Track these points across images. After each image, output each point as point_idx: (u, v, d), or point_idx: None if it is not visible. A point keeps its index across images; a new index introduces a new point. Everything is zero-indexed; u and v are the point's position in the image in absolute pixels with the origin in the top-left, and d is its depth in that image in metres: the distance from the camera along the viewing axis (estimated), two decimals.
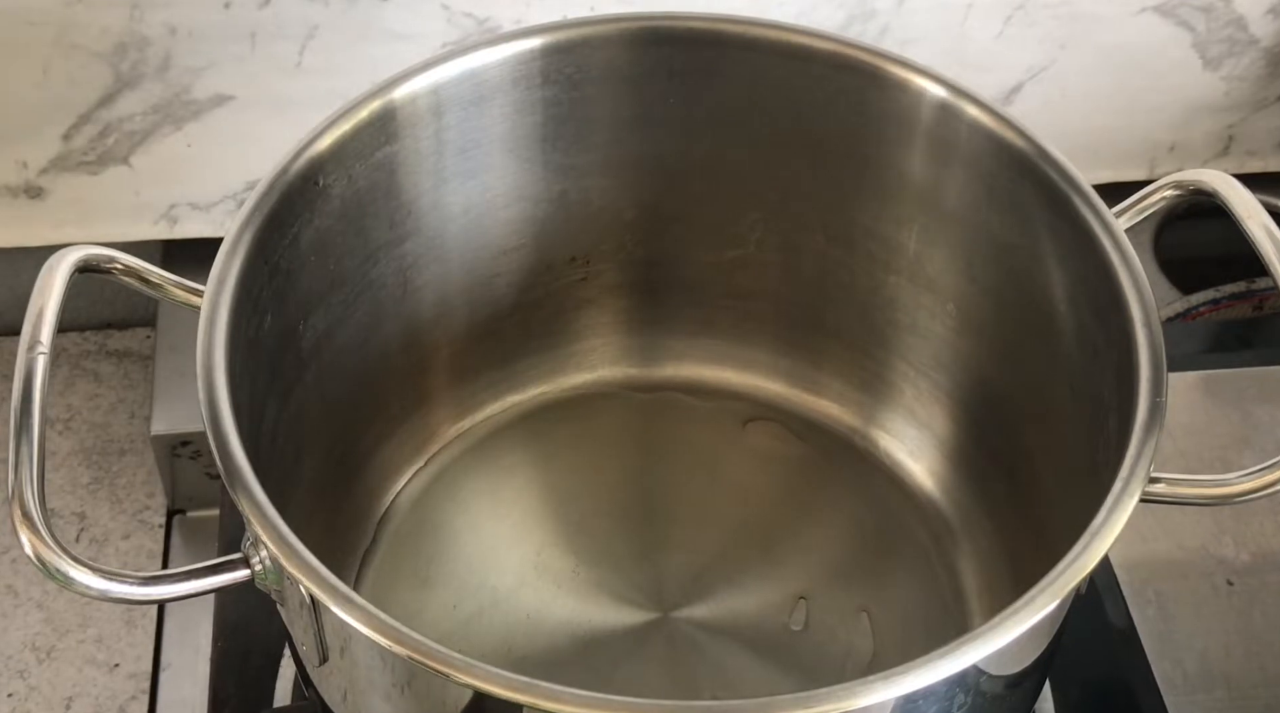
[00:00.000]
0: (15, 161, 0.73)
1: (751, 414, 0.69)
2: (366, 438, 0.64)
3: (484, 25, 0.72)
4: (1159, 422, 0.49)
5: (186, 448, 0.72)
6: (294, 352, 0.57)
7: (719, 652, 0.61)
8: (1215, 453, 0.69)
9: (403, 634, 0.43)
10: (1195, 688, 0.61)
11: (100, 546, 0.72)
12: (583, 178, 0.64)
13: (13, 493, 0.45)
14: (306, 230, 0.56)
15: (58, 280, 0.50)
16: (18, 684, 0.67)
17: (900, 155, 0.61)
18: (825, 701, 0.42)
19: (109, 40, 0.70)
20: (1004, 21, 0.76)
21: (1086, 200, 0.55)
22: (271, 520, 0.46)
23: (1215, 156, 0.84)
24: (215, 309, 0.51)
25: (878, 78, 0.60)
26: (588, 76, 0.61)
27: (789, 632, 0.62)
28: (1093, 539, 0.46)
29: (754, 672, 0.60)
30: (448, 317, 0.65)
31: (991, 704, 0.48)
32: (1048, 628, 0.49)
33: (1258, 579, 0.65)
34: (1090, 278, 0.54)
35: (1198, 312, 0.80)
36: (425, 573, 0.63)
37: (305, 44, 0.72)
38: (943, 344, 0.65)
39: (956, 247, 0.62)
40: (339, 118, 0.57)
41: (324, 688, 0.52)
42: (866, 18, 0.75)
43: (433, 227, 0.62)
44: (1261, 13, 0.78)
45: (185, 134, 0.74)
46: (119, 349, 0.81)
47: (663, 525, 0.65)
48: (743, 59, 0.61)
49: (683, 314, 0.69)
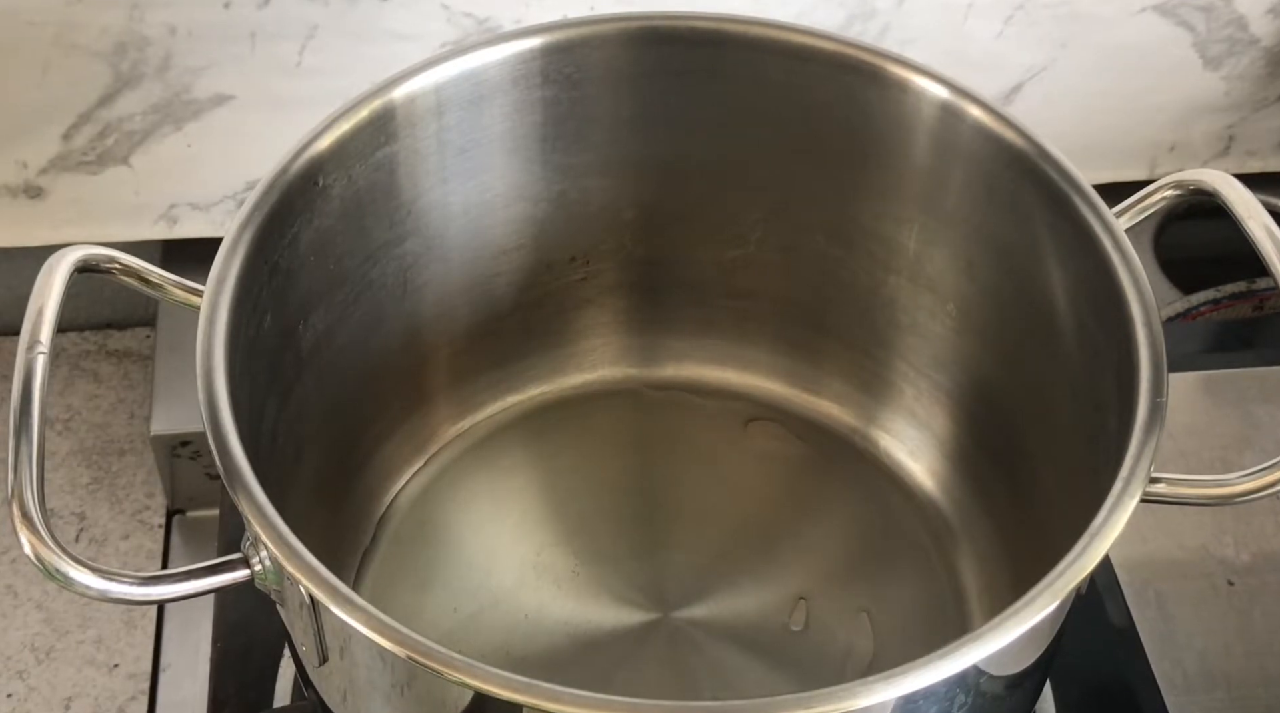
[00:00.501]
0: (15, 161, 0.73)
1: (752, 414, 0.69)
2: (366, 438, 0.64)
3: (484, 25, 0.72)
4: (1159, 422, 0.49)
5: (186, 448, 0.72)
6: (294, 351, 0.57)
7: (719, 652, 0.61)
8: (1216, 453, 0.69)
9: (403, 635, 0.43)
10: (1195, 688, 0.61)
11: (100, 546, 0.72)
12: (582, 178, 0.64)
13: (12, 493, 0.45)
14: (306, 230, 0.56)
15: (57, 280, 0.50)
16: (17, 685, 0.67)
17: (900, 155, 0.61)
18: (825, 701, 0.42)
19: (109, 40, 0.70)
20: (1004, 21, 0.76)
21: (1087, 200, 0.55)
22: (271, 521, 0.46)
23: (1215, 156, 0.84)
24: (215, 309, 0.51)
25: (878, 78, 0.60)
26: (588, 76, 0.61)
27: (789, 632, 0.62)
28: (1093, 539, 0.46)
29: (754, 672, 0.60)
30: (448, 316, 0.65)
31: (992, 704, 0.48)
32: (1048, 628, 0.49)
33: (1258, 579, 0.65)
34: (1090, 278, 0.54)
35: (1198, 312, 0.80)
36: (425, 573, 0.63)
37: (305, 44, 0.72)
38: (943, 344, 0.65)
39: (956, 247, 0.62)
40: (339, 118, 0.57)
41: (324, 688, 0.52)
42: (867, 17, 0.75)
43: (433, 227, 0.62)
44: (1262, 12, 0.78)
45: (185, 134, 0.74)
46: (119, 349, 0.81)
47: (663, 525, 0.65)
48: (743, 59, 0.61)
49: (683, 314, 0.69)
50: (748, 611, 0.62)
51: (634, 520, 0.65)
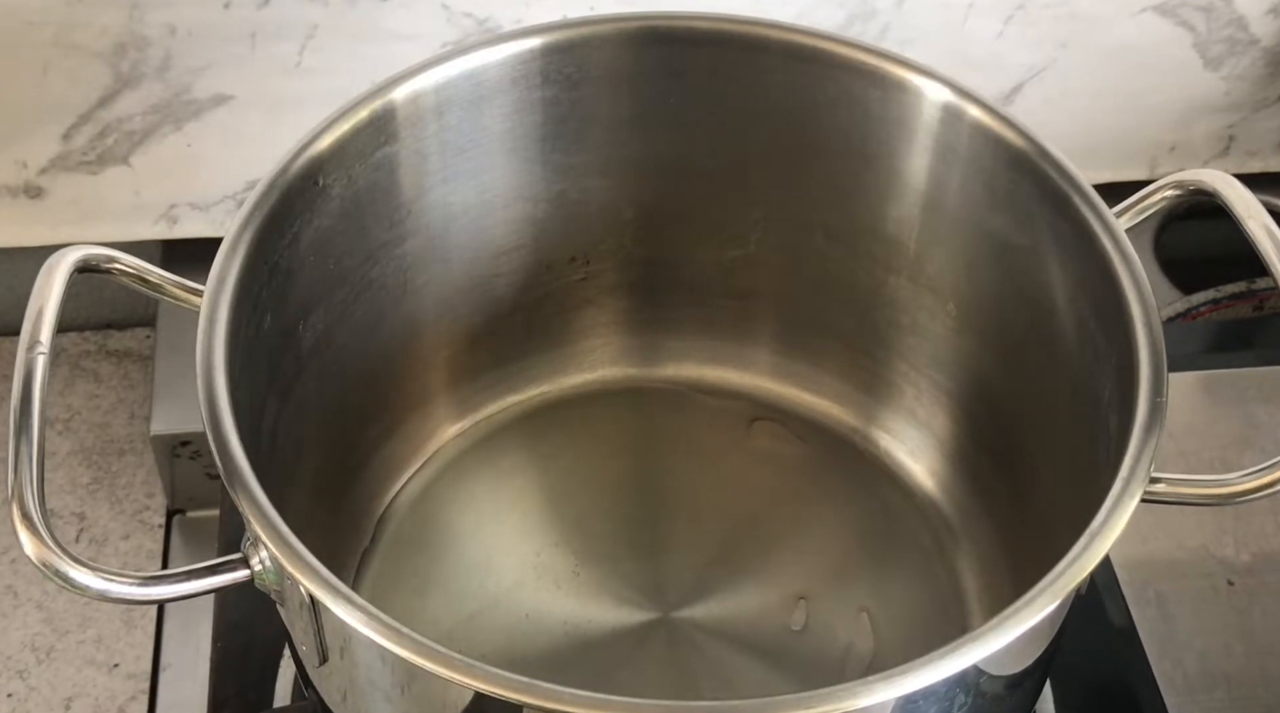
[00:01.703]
0: (15, 161, 0.73)
1: (752, 414, 0.69)
2: (366, 438, 0.64)
3: (484, 25, 0.72)
4: (1159, 422, 0.49)
5: (186, 448, 0.72)
6: (294, 351, 0.57)
7: (719, 652, 0.61)
8: (1216, 453, 0.69)
9: (403, 634, 0.43)
10: (1195, 688, 0.61)
11: (100, 546, 0.72)
12: (582, 178, 0.64)
13: (12, 493, 0.45)
14: (306, 230, 0.56)
15: (57, 280, 0.50)
16: (17, 685, 0.67)
17: (900, 155, 0.61)
18: (825, 701, 0.42)
19: (109, 40, 0.70)
20: (1004, 21, 0.76)
21: (1087, 200, 0.55)
22: (271, 521, 0.46)
23: (1216, 156, 0.84)
24: (215, 309, 0.51)
25: (878, 78, 0.60)
26: (588, 76, 0.61)
27: (789, 632, 0.62)
28: (1093, 539, 0.46)
29: (754, 672, 0.60)
30: (448, 316, 0.65)
31: (992, 704, 0.48)
32: (1048, 628, 0.49)
33: (1258, 579, 0.65)
34: (1091, 278, 0.54)
35: (1198, 312, 0.80)
36: (425, 573, 0.63)
37: (305, 44, 0.72)
38: (943, 344, 0.65)
39: (956, 247, 0.62)
40: (339, 118, 0.57)
41: (324, 688, 0.52)
42: (867, 18, 0.75)
43: (433, 227, 0.62)
44: (1262, 12, 0.78)
45: (185, 134, 0.74)
46: (119, 349, 0.81)
47: (663, 526, 0.65)
48: (743, 59, 0.61)
49: (683, 314, 0.69)
50: (748, 611, 0.62)
51: (634, 521, 0.65)
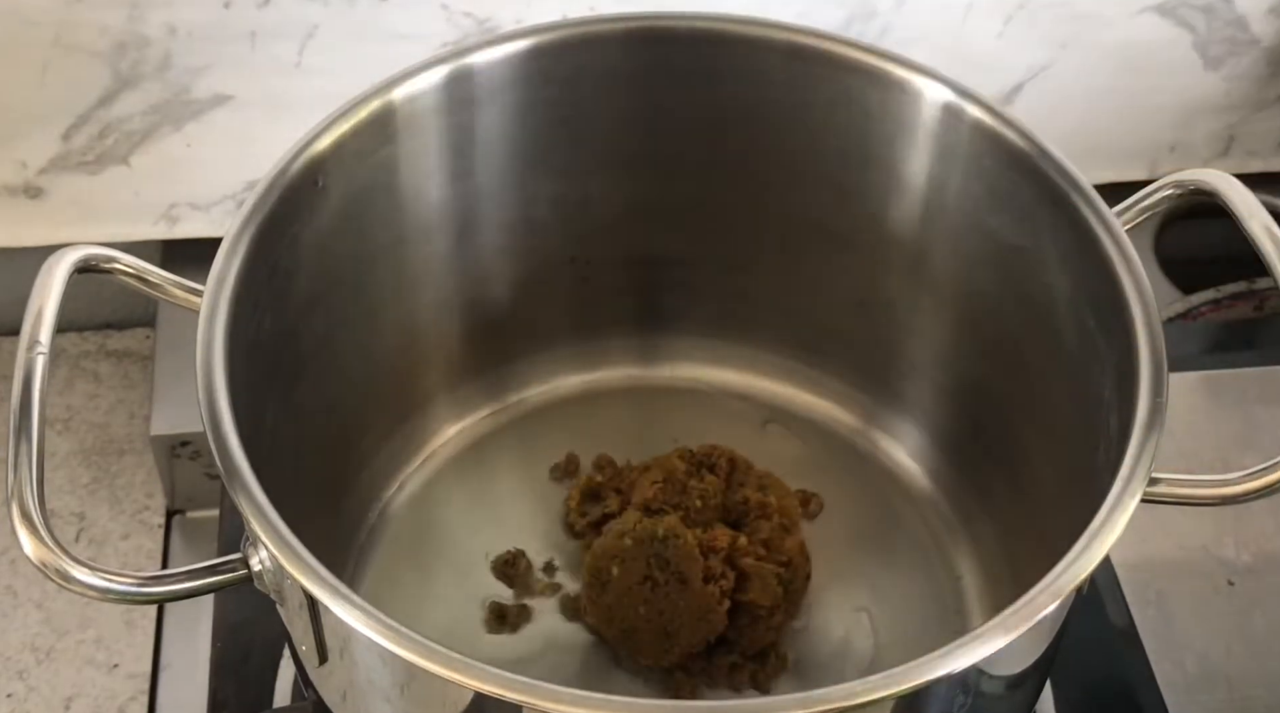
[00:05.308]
0: (15, 161, 0.73)
1: (752, 414, 0.69)
2: (366, 438, 0.64)
3: (484, 25, 0.72)
4: (1159, 422, 0.49)
5: (186, 448, 0.72)
6: (294, 352, 0.57)
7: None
8: (1216, 453, 0.69)
9: (402, 634, 0.43)
10: (1195, 688, 0.61)
11: (100, 546, 0.72)
12: (582, 178, 0.64)
13: (12, 493, 0.45)
14: (306, 230, 0.56)
15: (57, 280, 0.50)
16: (17, 685, 0.67)
17: (901, 155, 0.61)
18: (825, 701, 0.42)
19: (109, 40, 0.70)
20: (1004, 21, 0.76)
21: (1087, 200, 0.55)
22: (271, 521, 0.46)
23: (1216, 156, 0.84)
24: (215, 309, 0.51)
25: (878, 78, 0.60)
26: (587, 77, 0.61)
27: (789, 631, 0.62)
28: (1093, 540, 0.46)
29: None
30: (447, 317, 0.65)
31: (992, 704, 0.48)
32: (1048, 628, 0.49)
33: (1258, 579, 0.65)
34: (1091, 278, 0.54)
35: (1198, 312, 0.80)
36: (424, 573, 0.63)
37: (305, 44, 0.72)
38: (943, 344, 0.65)
39: (956, 247, 0.62)
40: (339, 118, 0.57)
41: (324, 688, 0.52)
42: (867, 18, 0.75)
43: (432, 227, 0.62)
44: (1262, 13, 0.78)
45: (185, 134, 0.74)
46: (118, 349, 0.81)
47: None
48: (743, 59, 0.61)
49: (682, 314, 0.69)
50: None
51: None
